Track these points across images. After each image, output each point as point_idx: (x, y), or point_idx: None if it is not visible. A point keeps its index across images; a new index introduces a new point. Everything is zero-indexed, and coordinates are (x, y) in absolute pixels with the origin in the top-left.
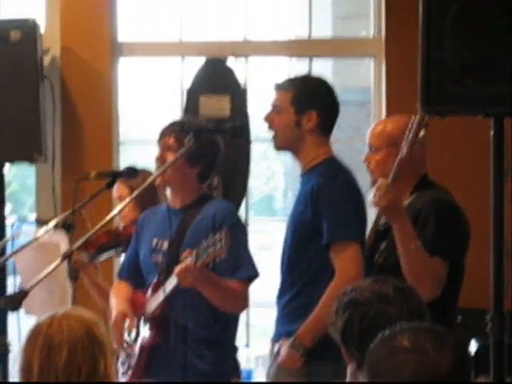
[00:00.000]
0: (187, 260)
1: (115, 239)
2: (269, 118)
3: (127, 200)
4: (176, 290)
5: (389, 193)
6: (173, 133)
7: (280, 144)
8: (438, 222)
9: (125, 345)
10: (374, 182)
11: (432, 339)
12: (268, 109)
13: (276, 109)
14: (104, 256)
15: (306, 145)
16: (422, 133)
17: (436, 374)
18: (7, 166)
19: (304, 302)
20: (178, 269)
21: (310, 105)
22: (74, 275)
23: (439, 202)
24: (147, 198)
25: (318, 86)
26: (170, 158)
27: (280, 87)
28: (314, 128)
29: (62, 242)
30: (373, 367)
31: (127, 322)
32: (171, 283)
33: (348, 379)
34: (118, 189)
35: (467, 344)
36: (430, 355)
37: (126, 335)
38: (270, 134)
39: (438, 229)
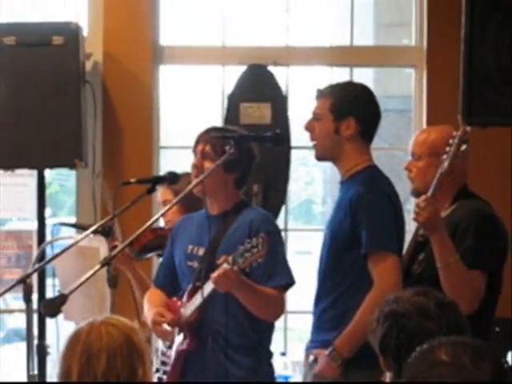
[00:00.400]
0: (224, 265)
1: (160, 240)
2: (309, 126)
3: (167, 206)
4: (212, 295)
5: (428, 207)
6: (209, 140)
7: (320, 153)
8: (477, 234)
9: (159, 353)
10: (414, 190)
11: (470, 353)
12: (308, 117)
13: (316, 116)
14: (148, 255)
15: (346, 152)
16: (463, 147)
17: None
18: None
19: (340, 311)
20: (215, 274)
21: (349, 112)
22: (113, 282)
23: (478, 213)
24: (192, 202)
25: (358, 93)
26: (207, 165)
27: (320, 95)
28: (353, 135)
29: (102, 247)
30: (411, 380)
31: (165, 319)
32: (207, 288)
33: None
34: (162, 193)
35: (505, 355)
36: (469, 369)
37: (160, 341)
38: (310, 142)
39: (477, 241)
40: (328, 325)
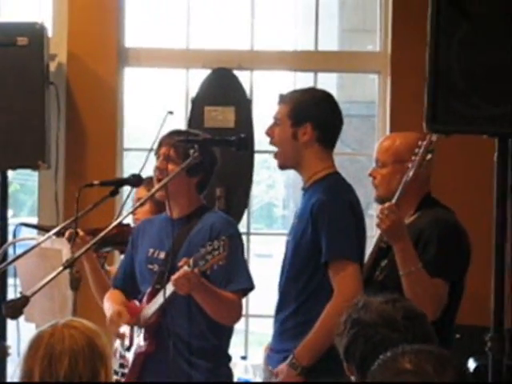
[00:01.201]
0: (185, 267)
1: (123, 236)
2: (269, 131)
3: (124, 214)
4: (172, 298)
5: (391, 214)
6: (173, 143)
7: (282, 161)
8: (440, 243)
9: (117, 355)
10: (378, 197)
11: (433, 361)
12: (271, 121)
13: (276, 122)
14: (106, 249)
15: (306, 159)
16: (428, 156)
17: None
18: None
19: (302, 320)
20: (175, 276)
21: (306, 117)
22: (75, 284)
23: (442, 222)
24: (164, 204)
25: (317, 99)
26: (170, 168)
27: (281, 100)
28: (311, 141)
29: (64, 249)
30: None
31: (123, 320)
32: (167, 291)
33: None
34: (137, 191)
35: (465, 362)
36: (432, 377)
37: (118, 343)
38: (272, 146)
39: (440, 251)
40: (290, 333)
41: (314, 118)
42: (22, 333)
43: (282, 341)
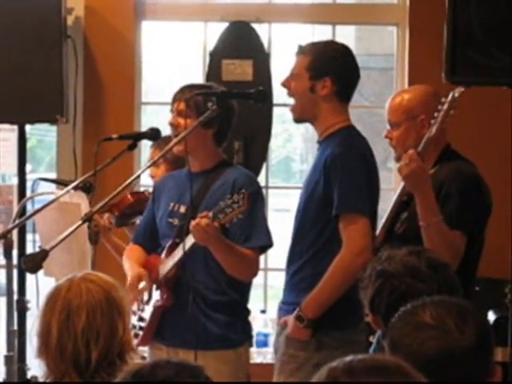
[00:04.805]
0: (203, 216)
1: (142, 204)
2: (286, 83)
3: (148, 164)
4: (191, 251)
5: (413, 162)
6: (190, 97)
7: (298, 114)
8: (461, 196)
9: (136, 307)
10: (398, 157)
11: (454, 314)
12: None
13: (293, 73)
14: (130, 221)
15: (322, 112)
16: (451, 112)
17: (458, 351)
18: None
19: (311, 273)
20: (194, 222)
21: (326, 71)
22: (94, 238)
23: (462, 174)
24: (181, 162)
25: (337, 53)
26: (188, 122)
27: (300, 51)
28: (329, 95)
29: (83, 203)
30: (394, 342)
31: (142, 284)
32: (187, 244)
33: (374, 345)
34: (152, 152)
35: (485, 314)
36: (453, 332)
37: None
38: (290, 100)
39: (461, 203)
40: (300, 286)
41: (334, 72)
42: (41, 287)
43: (293, 293)
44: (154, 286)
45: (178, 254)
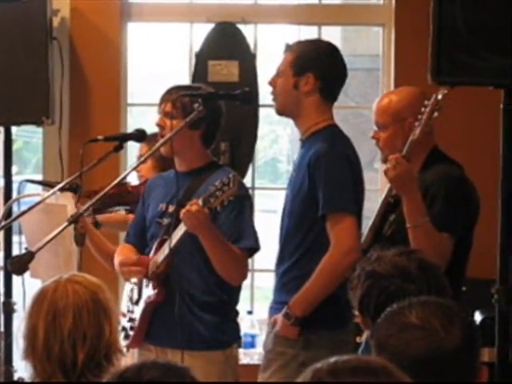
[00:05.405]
0: (194, 203)
1: (123, 196)
2: (272, 81)
3: (132, 167)
4: (179, 245)
5: (399, 165)
6: (176, 98)
7: (279, 107)
8: (448, 198)
9: (126, 310)
10: (384, 159)
11: (440, 315)
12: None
13: (279, 71)
14: (108, 209)
15: (305, 109)
16: (435, 114)
17: (444, 351)
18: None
19: (300, 273)
20: (184, 209)
21: (308, 67)
22: (80, 240)
23: (449, 177)
24: (167, 160)
25: (321, 50)
26: (174, 124)
27: (287, 49)
28: (312, 92)
29: (69, 205)
30: (380, 342)
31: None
32: (177, 234)
33: (362, 346)
34: (140, 149)
35: (472, 315)
36: (438, 332)
37: (127, 301)
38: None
39: (448, 206)
40: (289, 286)
41: (316, 69)
42: (27, 289)
43: (282, 293)
44: (144, 284)
45: (167, 249)
